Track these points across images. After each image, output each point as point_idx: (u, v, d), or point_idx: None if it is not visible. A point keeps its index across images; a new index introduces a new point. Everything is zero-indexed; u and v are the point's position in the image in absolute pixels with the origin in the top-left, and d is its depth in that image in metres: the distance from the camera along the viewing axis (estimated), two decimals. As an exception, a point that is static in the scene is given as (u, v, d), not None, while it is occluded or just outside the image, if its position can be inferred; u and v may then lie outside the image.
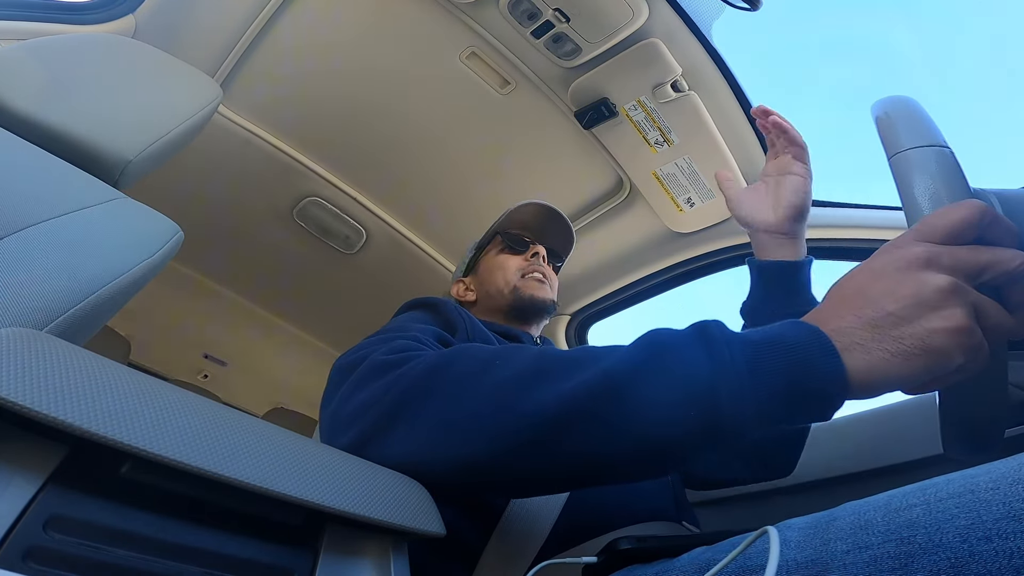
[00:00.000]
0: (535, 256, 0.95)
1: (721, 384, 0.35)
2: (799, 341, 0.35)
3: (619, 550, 0.47)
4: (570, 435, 0.38)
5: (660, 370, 0.37)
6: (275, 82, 1.16)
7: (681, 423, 0.35)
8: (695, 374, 0.36)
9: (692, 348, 0.37)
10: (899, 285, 0.34)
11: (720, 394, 0.34)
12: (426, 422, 0.43)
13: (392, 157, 1.29)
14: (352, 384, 0.52)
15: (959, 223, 0.35)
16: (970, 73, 8.46)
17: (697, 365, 0.36)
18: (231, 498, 0.30)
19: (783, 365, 0.34)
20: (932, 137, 0.43)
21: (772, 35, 3.82)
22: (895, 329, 0.33)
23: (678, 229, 1.25)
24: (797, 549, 0.33)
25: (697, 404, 0.35)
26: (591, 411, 0.37)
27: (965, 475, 0.31)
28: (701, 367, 0.36)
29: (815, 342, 0.34)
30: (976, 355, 0.34)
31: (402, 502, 0.37)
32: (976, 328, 0.33)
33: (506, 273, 0.94)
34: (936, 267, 0.34)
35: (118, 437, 0.25)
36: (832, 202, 1.12)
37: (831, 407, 0.35)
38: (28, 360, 0.25)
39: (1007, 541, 0.26)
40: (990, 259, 0.34)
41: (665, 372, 0.37)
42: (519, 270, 0.94)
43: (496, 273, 0.95)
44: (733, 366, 0.35)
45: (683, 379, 0.36)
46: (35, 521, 0.24)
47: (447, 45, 1.06)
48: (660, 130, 1.08)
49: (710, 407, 0.35)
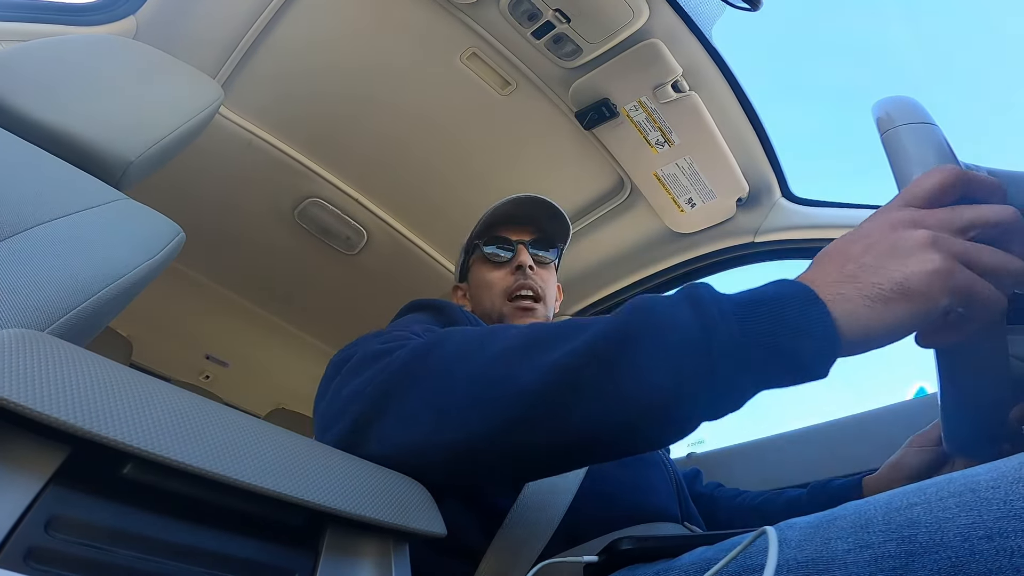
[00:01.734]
0: (520, 269, 0.86)
1: (713, 340, 0.34)
2: (784, 294, 0.36)
3: (620, 550, 0.47)
4: (564, 405, 0.37)
5: (650, 332, 0.37)
6: (276, 83, 1.16)
7: (676, 382, 0.35)
8: (686, 333, 0.35)
9: (680, 308, 0.37)
10: (879, 242, 0.35)
11: (713, 350, 0.34)
12: (415, 407, 0.43)
13: (393, 158, 1.29)
14: (344, 375, 0.51)
15: (939, 185, 0.36)
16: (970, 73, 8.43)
17: (687, 324, 0.36)
18: (232, 499, 0.30)
19: (770, 317, 0.35)
20: (922, 116, 0.44)
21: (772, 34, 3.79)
22: (873, 276, 0.34)
23: (679, 229, 1.25)
24: (798, 548, 0.33)
25: (690, 361, 0.35)
26: (582, 378, 0.37)
27: (966, 474, 0.30)
28: (691, 326, 0.35)
29: (800, 294, 0.35)
30: (971, 297, 0.34)
31: (403, 502, 0.37)
32: (961, 270, 0.33)
33: (492, 295, 0.87)
34: (919, 227, 0.35)
35: (120, 438, 0.25)
36: (833, 202, 1.13)
37: (824, 358, 0.34)
38: (30, 361, 0.26)
39: (1008, 540, 0.26)
40: (974, 215, 0.35)
41: (655, 333, 0.36)
42: (505, 291, 0.86)
43: (483, 292, 0.89)
44: (724, 321, 0.35)
45: (674, 338, 0.36)
46: (36, 521, 0.24)
47: (448, 46, 1.06)
48: (661, 130, 1.08)
49: (704, 364, 0.34)
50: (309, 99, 1.20)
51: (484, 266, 0.90)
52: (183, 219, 0.70)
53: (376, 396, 0.45)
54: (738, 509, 0.82)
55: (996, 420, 0.42)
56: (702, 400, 0.36)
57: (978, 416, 0.42)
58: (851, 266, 0.35)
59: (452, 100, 1.16)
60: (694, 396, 0.35)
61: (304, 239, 1.47)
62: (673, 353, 0.35)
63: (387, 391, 0.44)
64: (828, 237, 1.09)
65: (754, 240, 1.18)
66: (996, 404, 0.41)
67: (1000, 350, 0.40)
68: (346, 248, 1.48)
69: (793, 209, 1.15)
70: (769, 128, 1.08)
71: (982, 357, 0.40)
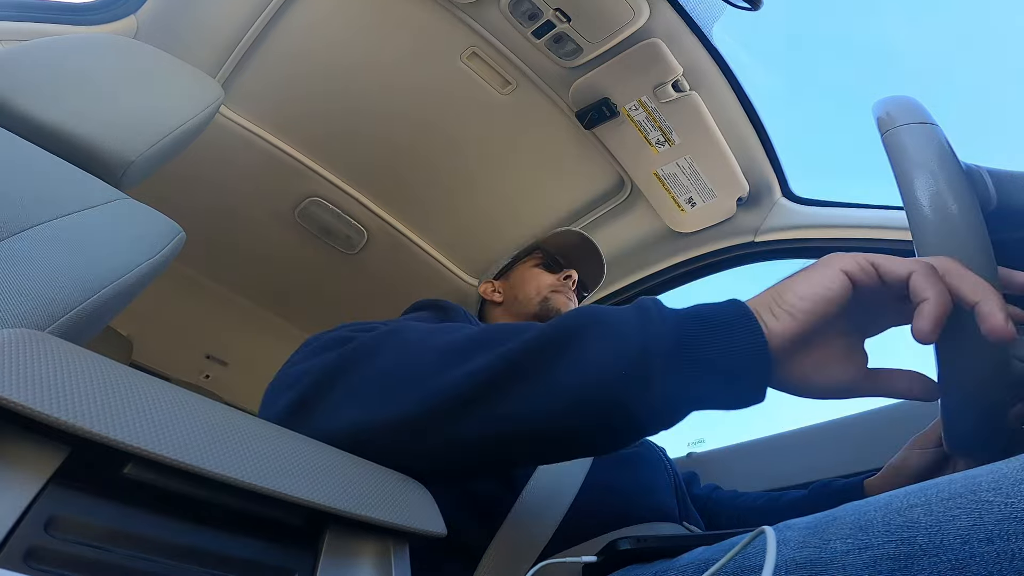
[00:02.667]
0: (568, 279, 1.02)
1: (651, 343, 0.36)
2: (722, 308, 0.38)
3: (619, 550, 0.47)
4: (506, 393, 0.38)
5: (596, 333, 0.38)
6: (277, 82, 1.16)
7: (614, 381, 0.36)
8: (627, 336, 0.37)
9: (626, 315, 0.39)
10: (810, 269, 0.39)
11: (650, 352, 0.36)
12: (363, 385, 0.43)
13: (393, 157, 1.29)
14: (300, 356, 0.51)
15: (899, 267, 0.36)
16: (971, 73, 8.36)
17: (630, 329, 0.38)
18: (232, 498, 0.30)
19: (707, 327, 0.37)
20: (923, 116, 0.44)
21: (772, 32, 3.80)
22: (784, 294, 0.37)
23: (679, 229, 1.25)
24: (797, 549, 0.33)
25: (628, 362, 0.36)
26: (526, 368, 0.38)
27: (967, 475, 0.30)
28: (633, 330, 0.37)
29: (735, 309, 0.38)
30: (876, 267, 0.36)
31: (403, 502, 0.37)
32: (856, 263, 0.36)
33: (539, 285, 1.01)
34: (851, 256, 0.38)
35: (120, 438, 0.25)
36: (833, 201, 1.12)
37: (758, 373, 0.36)
38: (30, 361, 0.26)
39: (1009, 542, 0.26)
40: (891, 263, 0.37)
41: (600, 335, 0.38)
42: (550, 287, 1.00)
43: (529, 283, 1.02)
44: (663, 327, 0.37)
45: (616, 340, 0.37)
46: (36, 521, 0.24)
47: (448, 45, 1.06)
48: (661, 130, 1.08)
49: (641, 364, 0.36)
50: (310, 98, 1.20)
51: (537, 267, 1.05)
52: (183, 219, 0.70)
53: (328, 373, 0.45)
54: (740, 510, 0.82)
55: (997, 420, 0.42)
56: (639, 401, 0.36)
57: (979, 416, 0.42)
58: (781, 289, 0.38)
59: (452, 100, 1.16)
60: (630, 396, 0.36)
61: (304, 239, 1.47)
62: (613, 354, 0.37)
63: (341, 367, 0.45)
64: (829, 237, 1.09)
65: (754, 240, 1.18)
66: (997, 404, 0.41)
67: (1001, 350, 0.40)
68: (346, 248, 1.48)
69: (794, 209, 1.15)
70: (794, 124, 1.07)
71: (983, 357, 0.40)
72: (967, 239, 0.41)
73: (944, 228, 0.41)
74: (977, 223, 0.41)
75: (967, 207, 0.41)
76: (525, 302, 1.00)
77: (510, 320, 0.98)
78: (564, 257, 1.08)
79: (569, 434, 0.40)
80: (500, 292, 1.06)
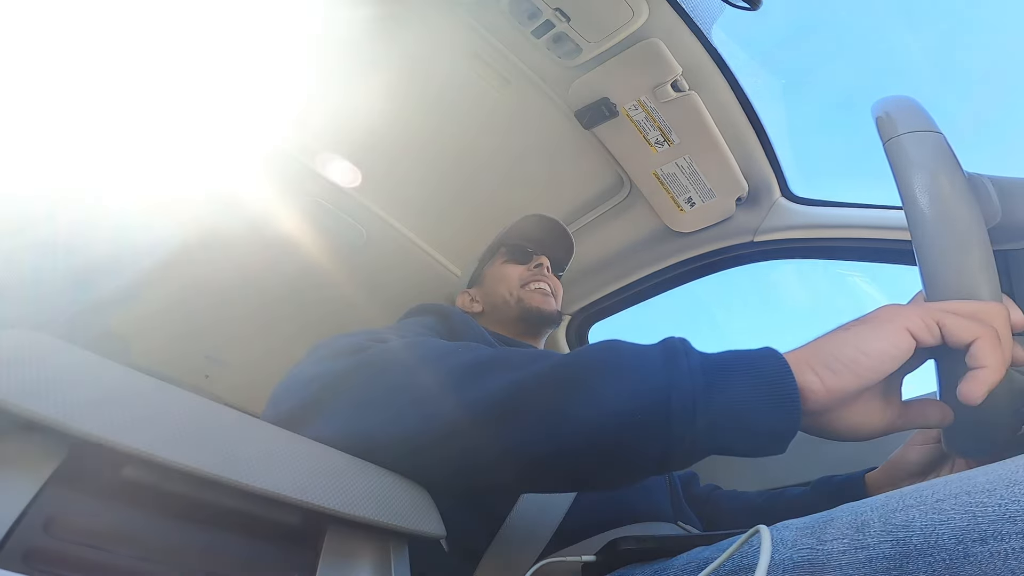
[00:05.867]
0: (539, 266, 0.99)
1: (674, 385, 0.34)
2: (757, 357, 0.36)
3: (618, 549, 0.48)
4: (518, 418, 0.37)
5: (615, 368, 0.37)
6: (276, 82, 1.16)
7: (629, 419, 0.35)
8: (649, 374, 0.35)
9: (650, 353, 0.37)
10: (870, 319, 0.37)
11: (672, 395, 0.34)
12: (373, 397, 0.42)
13: (392, 157, 1.29)
14: (312, 360, 0.50)
15: None
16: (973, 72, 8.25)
17: (653, 367, 0.36)
18: (232, 499, 0.30)
19: (738, 375, 0.35)
20: (926, 124, 0.44)
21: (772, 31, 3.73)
22: (850, 347, 0.35)
23: (679, 229, 1.25)
24: (793, 548, 0.34)
25: (646, 400, 0.34)
26: (539, 398, 0.37)
27: (963, 476, 0.31)
28: (657, 369, 0.36)
29: (771, 358, 0.35)
30: (931, 333, 0.36)
31: (402, 503, 0.37)
32: (923, 323, 0.35)
33: (509, 283, 0.97)
34: (916, 310, 0.36)
35: (118, 440, 0.26)
36: (833, 201, 1.12)
37: (786, 426, 0.34)
38: (29, 361, 0.26)
39: (1002, 543, 0.26)
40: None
41: (620, 370, 0.36)
42: (521, 279, 0.97)
43: (499, 284, 0.99)
44: (689, 371, 0.35)
45: (636, 377, 0.36)
46: (35, 522, 0.24)
47: (447, 45, 1.06)
48: (660, 130, 1.08)
49: (660, 405, 0.34)
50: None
51: (505, 264, 1.01)
52: (183, 219, 0.70)
53: (338, 380, 0.45)
54: (739, 510, 0.82)
55: (995, 421, 0.42)
56: (652, 441, 0.35)
57: (977, 417, 0.42)
58: (830, 343, 0.36)
59: (451, 99, 1.16)
60: (644, 435, 0.35)
61: (303, 238, 1.47)
62: (631, 390, 0.35)
63: (351, 377, 0.45)
64: (828, 237, 1.09)
65: (754, 240, 1.18)
66: (995, 405, 0.41)
67: None
68: (345, 247, 1.48)
69: (793, 209, 1.15)
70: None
71: None
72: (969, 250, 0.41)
73: (946, 240, 0.41)
74: (980, 234, 0.41)
75: (970, 218, 0.41)
76: (503, 307, 0.96)
77: (497, 329, 0.94)
78: (530, 244, 1.05)
79: (570, 467, 0.38)
80: (478, 301, 1.02)
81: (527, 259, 1.02)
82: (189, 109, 1.00)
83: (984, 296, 0.39)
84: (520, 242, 1.05)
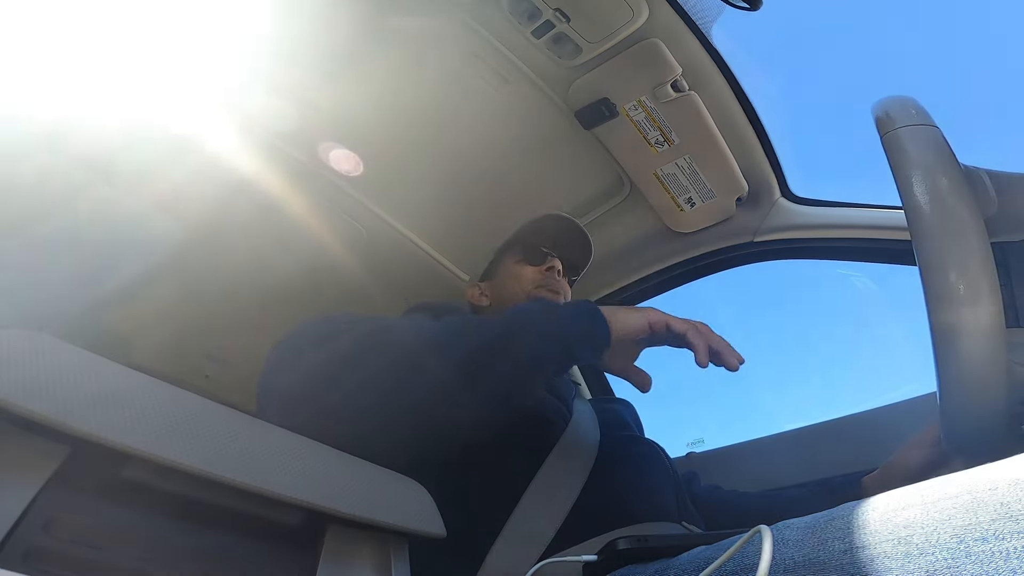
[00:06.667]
0: (551, 270, 0.98)
1: (570, 332, 0.59)
2: (593, 309, 0.61)
3: (618, 549, 0.47)
4: (496, 356, 0.56)
5: (540, 321, 0.60)
6: (276, 82, 1.16)
7: (553, 352, 0.58)
8: (557, 327, 0.59)
9: (559, 310, 0.62)
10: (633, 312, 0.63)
11: (570, 339, 0.59)
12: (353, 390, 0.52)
13: (392, 156, 1.29)
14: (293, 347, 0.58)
15: None
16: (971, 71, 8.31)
17: (558, 321, 0.60)
18: (232, 500, 0.30)
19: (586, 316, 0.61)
20: (922, 118, 0.44)
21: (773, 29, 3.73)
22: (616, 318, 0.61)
23: (679, 229, 1.25)
24: (795, 548, 0.34)
25: (556, 347, 0.59)
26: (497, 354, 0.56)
27: (963, 476, 0.31)
28: (558, 322, 0.60)
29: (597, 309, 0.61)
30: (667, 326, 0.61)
31: (402, 503, 0.37)
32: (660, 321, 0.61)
33: (521, 283, 0.97)
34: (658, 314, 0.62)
35: (119, 439, 0.26)
36: (833, 202, 1.12)
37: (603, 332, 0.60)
38: (30, 361, 0.26)
39: (1003, 542, 0.26)
40: None
41: (544, 321, 0.60)
42: (533, 282, 0.96)
43: (511, 282, 0.98)
44: (577, 317, 0.60)
45: (556, 324, 0.59)
46: (35, 521, 0.24)
47: (447, 44, 1.06)
48: (660, 130, 1.08)
49: (563, 346, 0.59)
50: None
51: (518, 263, 1.01)
52: (183, 218, 0.70)
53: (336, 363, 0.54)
54: (739, 510, 0.82)
55: (996, 420, 0.42)
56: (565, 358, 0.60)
57: (978, 416, 0.42)
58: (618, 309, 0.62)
59: (451, 99, 1.16)
60: (562, 356, 0.59)
61: (303, 237, 1.47)
62: (546, 340, 0.58)
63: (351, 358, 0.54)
64: (828, 237, 1.09)
65: (754, 240, 1.18)
66: (996, 404, 0.41)
67: (1000, 352, 0.40)
68: (345, 247, 1.48)
69: (793, 209, 1.15)
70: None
71: (983, 358, 0.40)
72: (966, 241, 0.41)
73: (943, 231, 0.41)
74: (976, 225, 0.41)
75: (966, 209, 0.41)
76: (514, 298, 0.96)
77: None
78: (545, 245, 1.03)
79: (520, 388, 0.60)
80: (487, 295, 1.02)
81: (541, 260, 1.00)
82: (189, 109, 1.00)
83: (983, 288, 0.40)
84: (536, 242, 1.03)
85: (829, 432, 1.11)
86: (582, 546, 0.56)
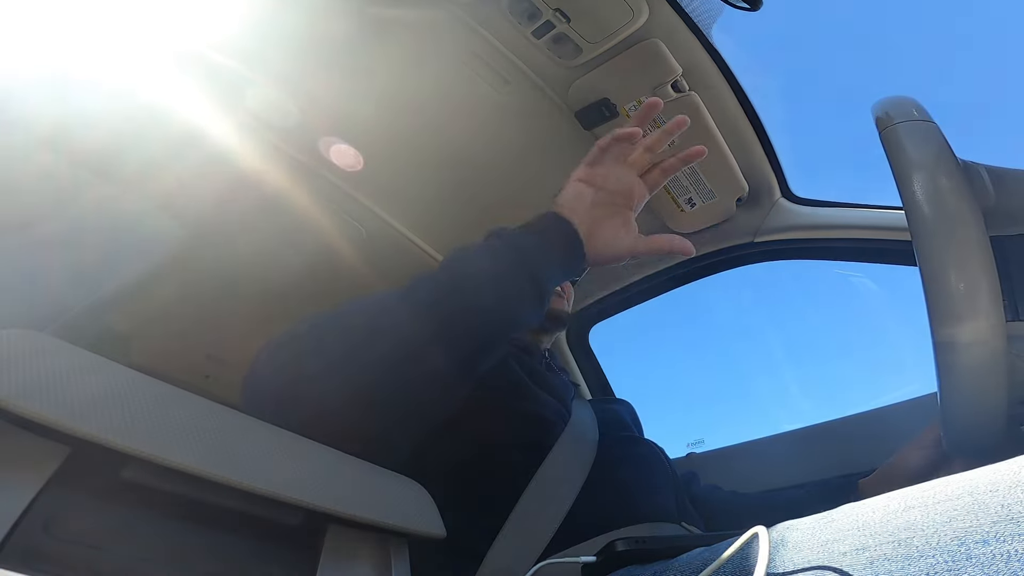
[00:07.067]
0: None
1: (528, 260, 0.60)
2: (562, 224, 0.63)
3: (617, 551, 0.47)
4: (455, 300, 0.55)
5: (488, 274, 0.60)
6: (276, 82, 1.16)
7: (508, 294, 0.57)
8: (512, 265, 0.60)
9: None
10: None
11: (530, 266, 0.59)
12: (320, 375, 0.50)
13: (392, 156, 1.29)
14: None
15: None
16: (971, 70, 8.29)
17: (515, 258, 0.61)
18: (232, 500, 0.30)
19: (555, 234, 0.62)
20: (920, 114, 0.44)
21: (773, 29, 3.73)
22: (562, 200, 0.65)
23: (679, 229, 1.25)
24: (795, 549, 0.33)
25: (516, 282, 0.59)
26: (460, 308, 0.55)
27: (964, 477, 0.30)
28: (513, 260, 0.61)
29: (564, 221, 0.63)
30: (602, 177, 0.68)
31: (402, 503, 0.37)
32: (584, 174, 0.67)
33: None
34: None
35: (119, 440, 0.25)
36: (833, 202, 1.12)
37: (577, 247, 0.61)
38: (30, 361, 0.26)
39: (1004, 544, 0.26)
40: None
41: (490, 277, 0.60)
42: None
43: None
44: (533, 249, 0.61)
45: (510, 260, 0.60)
46: (36, 522, 0.24)
47: (447, 45, 1.06)
48: (661, 130, 1.08)
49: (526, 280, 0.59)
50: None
51: None
52: (183, 218, 0.70)
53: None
54: (739, 511, 0.82)
55: (996, 421, 0.42)
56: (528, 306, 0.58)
57: (978, 416, 0.42)
58: None
59: (451, 99, 1.16)
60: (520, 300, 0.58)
61: (303, 237, 1.47)
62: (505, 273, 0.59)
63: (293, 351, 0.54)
64: (828, 237, 1.09)
65: (754, 240, 1.18)
66: (996, 404, 0.41)
67: (1000, 350, 0.40)
68: (345, 246, 1.48)
69: (793, 209, 1.15)
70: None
71: (983, 357, 0.40)
72: (965, 236, 0.41)
73: (941, 224, 0.41)
74: (975, 220, 0.41)
75: (964, 203, 0.41)
76: None
77: None
78: None
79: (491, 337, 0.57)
80: None
81: None
82: (189, 109, 1.00)
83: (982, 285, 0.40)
84: None
85: (829, 433, 1.11)
86: (581, 547, 0.56)
